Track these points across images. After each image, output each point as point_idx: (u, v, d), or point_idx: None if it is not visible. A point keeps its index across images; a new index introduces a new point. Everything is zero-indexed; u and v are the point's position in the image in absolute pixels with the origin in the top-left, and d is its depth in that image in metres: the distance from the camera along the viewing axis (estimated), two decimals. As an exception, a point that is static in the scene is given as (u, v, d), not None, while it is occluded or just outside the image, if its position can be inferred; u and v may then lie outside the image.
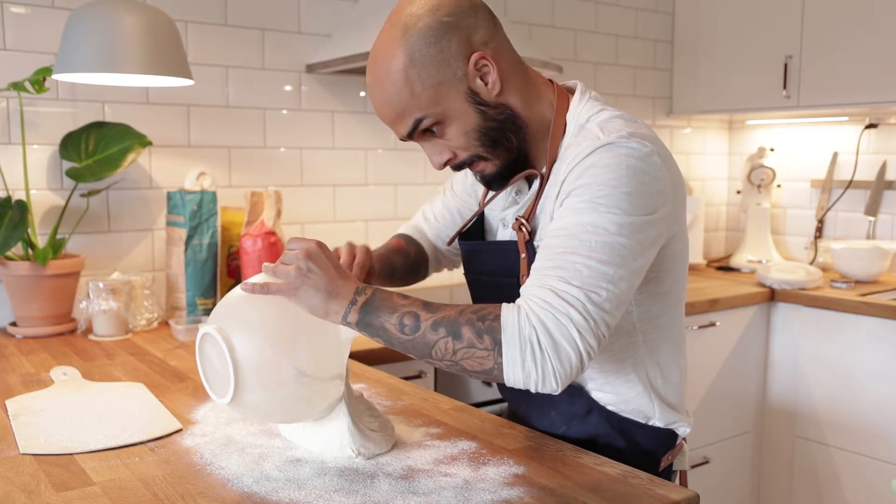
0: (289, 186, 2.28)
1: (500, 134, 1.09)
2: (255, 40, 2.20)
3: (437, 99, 1.05)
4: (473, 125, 1.08)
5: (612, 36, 2.99)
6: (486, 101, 1.08)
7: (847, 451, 2.46)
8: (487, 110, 1.08)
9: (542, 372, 0.93)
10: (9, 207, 1.74)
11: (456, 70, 1.05)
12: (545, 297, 0.95)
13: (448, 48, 1.05)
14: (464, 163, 1.12)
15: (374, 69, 1.07)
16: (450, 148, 1.10)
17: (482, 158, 1.11)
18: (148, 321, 1.90)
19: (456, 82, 1.06)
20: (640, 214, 1.00)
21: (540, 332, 0.93)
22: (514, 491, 0.96)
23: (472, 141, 1.09)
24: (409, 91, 1.04)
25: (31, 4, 1.89)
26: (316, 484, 0.98)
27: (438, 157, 1.11)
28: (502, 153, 1.11)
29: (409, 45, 1.04)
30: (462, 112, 1.07)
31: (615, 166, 1.00)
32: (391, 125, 1.10)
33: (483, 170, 1.13)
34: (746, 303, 2.57)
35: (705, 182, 3.35)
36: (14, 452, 1.09)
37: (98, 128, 1.93)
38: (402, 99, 1.05)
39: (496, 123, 1.09)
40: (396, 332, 0.98)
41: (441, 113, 1.06)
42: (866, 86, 2.56)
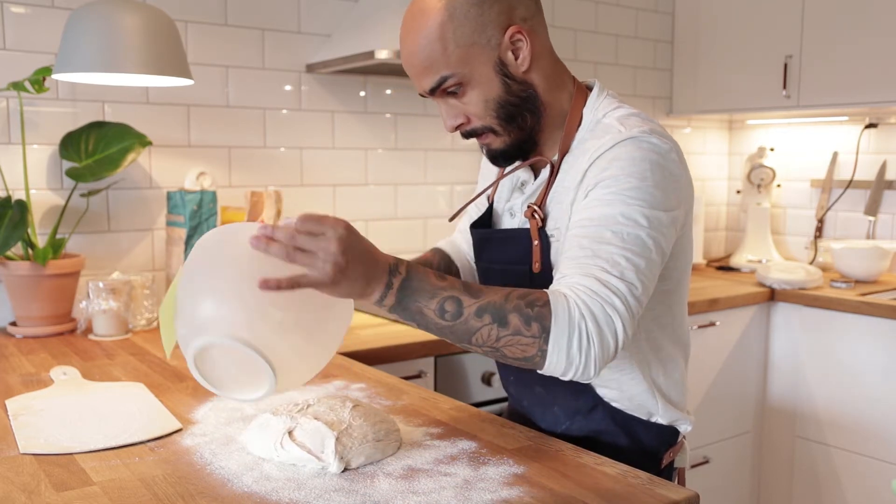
0: (289, 186, 2.28)
1: (517, 110, 1.11)
2: (255, 40, 2.20)
3: (467, 60, 1.07)
4: (495, 95, 1.10)
5: (613, 36, 2.99)
6: (513, 75, 1.10)
7: (847, 451, 2.46)
8: (512, 84, 1.10)
9: (586, 359, 0.94)
10: (9, 207, 1.74)
11: (491, 37, 1.07)
12: (591, 285, 0.96)
13: (489, 13, 1.07)
14: (475, 130, 1.13)
15: (411, 17, 1.09)
16: (466, 113, 1.12)
17: (493, 131, 1.13)
18: (148, 321, 1.90)
19: (489, 49, 1.08)
20: (663, 210, 1.03)
21: (588, 320, 0.94)
22: (514, 491, 0.96)
23: (489, 110, 1.11)
24: (442, 46, 1.06)
25: (31, 4, 1.89)
26: (316, 484, 0.98)
27: (453, 120, 1.13)
28: (514, 130, 1.13)
29: (449, 2, 1.06)
30: (487, 79, 1.09)
31: (640, 160, 1.03)
32: (416, 77, 1.10)
33: (490, 143, 1.15)
34: (746, 303, 2.57)
35: (705, 182, 3.35)
36: (14, 452, 1.09)
37: (98, 127, 1.93)
38: (433, 52, 1.07)
39: (517, 99, 1.11)
40: (436, 317, 0.94)
41: (467, 75, 1.08)
42: (866, 85, 2.56)
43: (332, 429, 1.03)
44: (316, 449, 1.02)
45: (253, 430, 1.09)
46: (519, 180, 1.23)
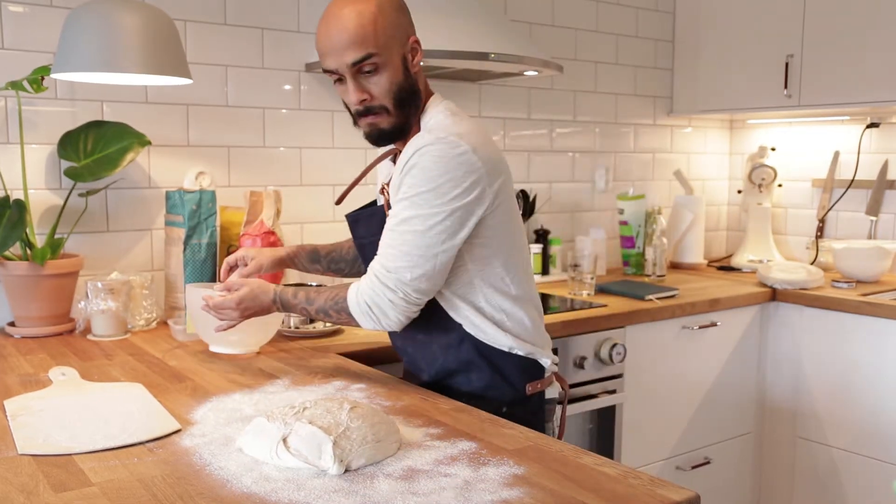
0: (288, 186, 2.27)
1: (409, 99, 1.39)
2: (254, 39, 2.20)
3: (389, 46, 1.33)
4: (398, 81, 1.36)
5: (613, 35, 2.98)
6: (409, 71, 1.38)
7: (848, 452, 2.46)
8: (409, 77, 1.38)
9: (381, 324, 1.37)
10: (7, 207, 1.73)
11: (402, 37, 1.37)
12: (371, 281, 1.36)
13: (403, 20, 1.38)
14: (372, 108, 1.37)
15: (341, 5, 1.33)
16: (371, 91, 1.36)
17: (387, 112, 1.37)
18: (147, 321, 1.90)
19: (400, 45, 1.36)
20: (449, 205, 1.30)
21: (370, 304, 1.36)
22: (514, 491, 0.96)
23: (391, 93, 1.36)
24: (374, 29, 1.31)
25: (30, 3, 1.89)
26: (315, 484, 0.97)
27: (358, 94, 1.35)
28: (401, 116, 1.39)
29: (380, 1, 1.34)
30: (396, 67, 1.35)
31: (429, 167, 1.30)
32: (341, 50, 1.32)
33: (379, 123, 1.39)
34: (747, 303, 2.56)
35: (706, 182, 3.34)
36: (12, 453, 1.08)
37: (97, 127, 1.92)
38: (364, 32, 1.31)
39: (410, 89, 1.39)
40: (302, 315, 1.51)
41: (385, 59, 1.33)
42: (868, 85, 2.55)
43: (328, 432, 1.03)
44: (312, 456, 1.01)
45: (248, 436, 1.08)
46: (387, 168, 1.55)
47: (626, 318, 2.25)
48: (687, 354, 2.46)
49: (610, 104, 3.01)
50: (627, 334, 2.27)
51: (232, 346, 1.64)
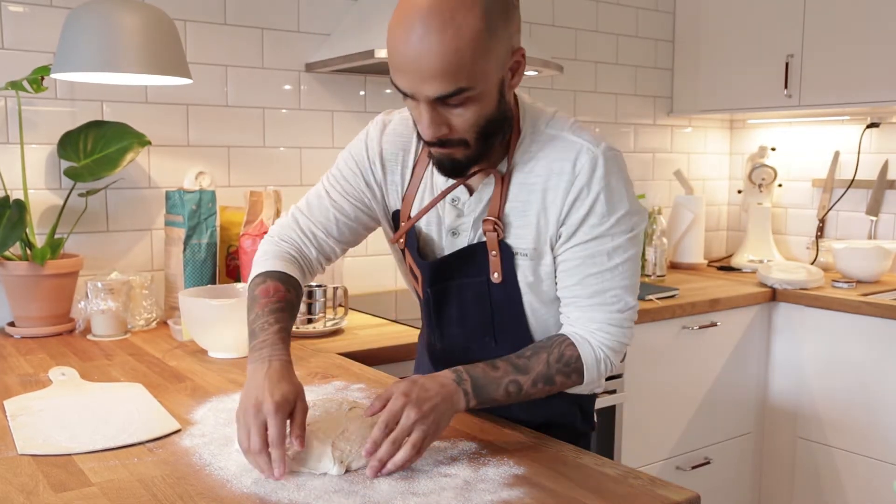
0: (288, 186, 2.27)
1: (496, 129, 1.09)
2: (254, 39, 2.20)
3: (486, 74, 1.00)
4: (488, 112, 1.05)
5: (613, 35, 2.98)
6: (504, 95, 1.07)
7: (848, 452, 2.45)
8: (502, 103, 1.07)
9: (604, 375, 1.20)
10: (7, 207, 1.73)
11: (505, 55, 1.03)
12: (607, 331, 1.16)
13: (510, 31, 1.03)
14: (451, 141, 1.07)
15: (439, 11, 0.96)
16: (454, 125, 1.05)
17: (465, 145, 1.08)
18: (147, 321, 1.90)
19: (501, 67, 1.03)
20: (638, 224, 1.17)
21: (611, 357, 1.17)
22: (514, 491, 0.95)
23: (476, 126, 1.05)
24: (472, 57, 0.97)
25: (30, 3, 1.88)
26: (315, 484, 0.97)
27: (437, 129, 1.04)
28: (482, 147, 1.09)
29: (488, 7, 0.98)
30: (490, 98, 1.04)
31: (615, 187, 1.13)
32: (422, 79, 0.99)
33: (453, 154, 1.09)
34: (747, 303, 2.56)
35: (706, 182, 3.34)
36: (12, 453, 1.08)
37: (96, 127, 1.92)
38: (461, 60, 0.97)
39: (501, 119, 1.09)
40: (505, 398, 1.12)
41: (479, 92, 1.01)
42: (868, 85, 2.55)
43: (328, 435, 1.03)
44: (312, 460, 1.01)
45: None
46: (448, 196, 1.20)
47: (626, 318, 2.25)
48: (687, 354, 2.45)
49: (610, 104, 3.01)
50: (627, 334, 2.26)
51: (229, 350, 1.63)
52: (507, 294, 1.21)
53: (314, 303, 1.91)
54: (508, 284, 1.20)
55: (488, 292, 1.21)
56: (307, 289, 1.92)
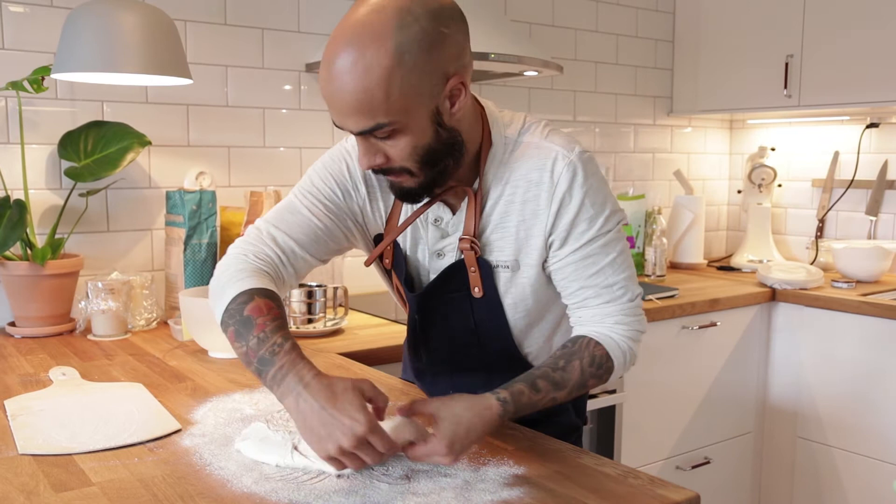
0: (288, 186, 2.27)
1: (441, 156, 1.07)
2: (254, 40, 2.20)
3: (406, 109, 0.99)
4: (425, 143, 1.04)
5: (613, 35, 2.98)
6: (444, 123, 1.05)
7: (848, 452, 2.46)
8: (442, 132, 1.05)
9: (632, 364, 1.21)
10: (7, 207, 1.73)
11: (434, 86, 1.01)
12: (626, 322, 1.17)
13: (437, 61, 1.00)
14: (391, 170, 1.07)
15: (350, 47, 0.97)
16: (387, 154, 1.05)
17: (409, 173, 1.07)
18: (147, 321, 1.90)
19: (429, 98, 1.01)
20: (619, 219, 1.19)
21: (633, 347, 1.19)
22: (514, 491, 0.96)
23: (415, 156, 1.05)
24: (384, 93, 0.97)
25: (30, 3, 1.89)
26: (315, 485, 0.97)
27: (371, 160, 1.05)
28: (430, 173, 1.08)
29: (401, 43, 0.97)
30: (422, 128, 1.03)
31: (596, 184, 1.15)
32: (343, 114, 1.01)
33: (402, 182, 1.09)
34: (747, 303, 2.56)
35: (706, 182, 3.34)
36: (13, 453, 1.08)
37: (97, 127, 1.92)
38: (372, 97, 0.97)
39: (443, 147, 1.07)
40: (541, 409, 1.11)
41: (404, 124, 1.01)
42: (867, 85, 2.55)
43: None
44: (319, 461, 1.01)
45: (250, 442, 1.08)
46: (430, 216, 1.20)
47: (625, 318, 2.25)
48: (687, 354, 2.46)
49: (610, 104, 3.01)
50: (627, 334, 2.27)
51: (230, 350, 1.63)
52: (488, 307, 1.22)
53: (314, 303, 1.92)
54: (489, 298, 1.21)
55: (470, 307, 1.23)
56: (307, 289, 1.92)
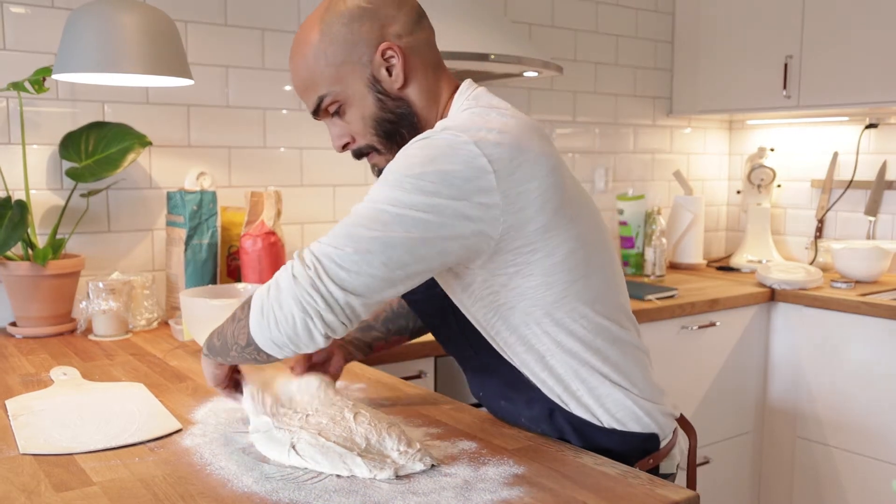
0: (289, 186, 2.28)
1: (395, 127, 1.12)
2: (254, 40, 2.20)
3: (340, 78, 1.09)
4: (370, 112, 1.11)
5: (613, 36, 2.99)
6: (387, 91, 1.10)
7: (848, 452, 2.46)
8: (386, 101, 1.11)
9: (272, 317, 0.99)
10: (8, 207, 1.74)
11: (362, 54, 1.09)
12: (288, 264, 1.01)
13: (359, 32, 1.08)
14: (360, 150, 1.15)
15: (295, 40, 1.13)
16: (350, 132, 1.14)
17: (376, 151, 1.14)
18: (148, 321, 1.90)
19: (360, 66, 1.09)
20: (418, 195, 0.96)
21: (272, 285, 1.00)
22: (514, 491, 0.96)
23: (368, 128, 1.12)
24: (316, 66, 1.09)
25: (31, 4, 1.89)
26: (315, 484, 0.98)
27: (338, 140, 1.15)
28: (395, 148, 1.10)
29: (325, 22, 1.09)
30: (361, 97, 1.10)
31: (411, 155, 0.99)
32: (301, 97, 1.14)
33: (377, 163, 1.16)
34: (747, 303, 2.57)
35: (705, 182, 3.35)
36: (14, 452, 1.08)
37: (98, 128, 1.93)
38: (309, 72, 1.10)
39: (392, 116, 1.11)
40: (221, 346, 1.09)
41: (341, 93, 1.10)
42: (867, 86, 2.56)
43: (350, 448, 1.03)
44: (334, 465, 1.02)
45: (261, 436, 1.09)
46: None
47: (625, 319, 2.25)
48: (686, 354, 2.46)
49: (609, 105, 3.01)
50: (627, 334, 2.27)
51: None
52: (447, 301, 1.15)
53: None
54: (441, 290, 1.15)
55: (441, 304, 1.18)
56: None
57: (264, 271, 1.91)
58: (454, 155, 0.97)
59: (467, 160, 0.97)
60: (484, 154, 0.97)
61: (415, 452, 1.03)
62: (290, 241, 2.25)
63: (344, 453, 1.01)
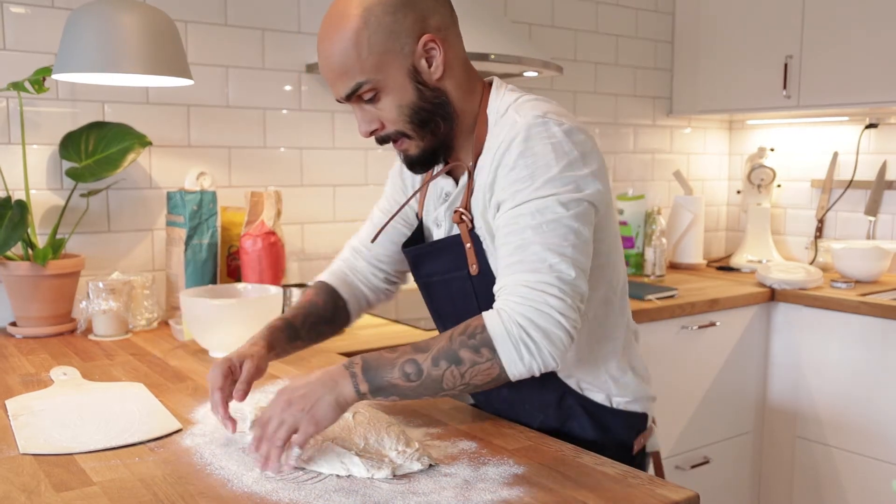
0: (289, 186, 2.28)
1: (430, 116, 1.13)
2: (254, 40, 2.20)
3: (381, 67, 1.09)
4: (408, 101, 1.11)
5: (613, 36, 2.99)
6: (426, 82, 1.12)
7: (847, 452, 2.46)
8: (425, 91, 1.12)
9: (541, 359, 1.00)
10: (9, 207, 1.74)
11: (405, 45, 1.09)
12: (520, 293, 1.01)
13: (403, 21, 1.09)
14: (388, 136, 1.15)
15: (328, 23, 1.10)
16: (380, 118, 1.13)
17: (407, 136, 1.14)
18: (148, 321, 1.90)
19: (402, 56, 1.09)
20: (577, 191, 1.06)
21: (527, 327, 0.99)
22: (514, 491, 0.96)
23: (403, 116, 1.12)
24: (357, 53, 1.07)
25: (31, 4, 1.89)
26: (315, 484, 0.98)
27: (367, 125, 1.14)
28: (428, 136, 1.14)
29: (366, 8, 1.08)
30: (401, 86, 1.10)
31: (540, 152, 1.06)
32: (332, 82, 1.11)
33: (407, 149, 1.16)
34: (747, 303, 2.57)
35: (705, 182, 3.35)
36: (14, 452, 1.08)
37: (98, 128, 1.93)
38: (348, 59, 1.08)
39: (430, 105, 1.13)
40: (404, 382, 1.02)
41: (381, 81, 1.09)
42: (866, 85, 2.56)
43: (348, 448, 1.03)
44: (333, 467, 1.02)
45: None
46: (442, 191, 1.25)
47: (625, 319, 2.25)
48: (686, 354, 2.46)
49: (610, 105, 3.01)
50: (627, 334, 2.27)
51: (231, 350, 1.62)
52: (486, 285, 1.15)
53: (314, 303, 1.92)
54: (485, 275, 1.17)
55: (472, 287, 1.20)
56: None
57: (264, 271, 1.91)
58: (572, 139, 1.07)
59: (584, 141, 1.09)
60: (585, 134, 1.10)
61: (413, 452, 1.03)
62: (290, 241, 2.25)
63: (342, 452, 1.01)
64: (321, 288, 1.36)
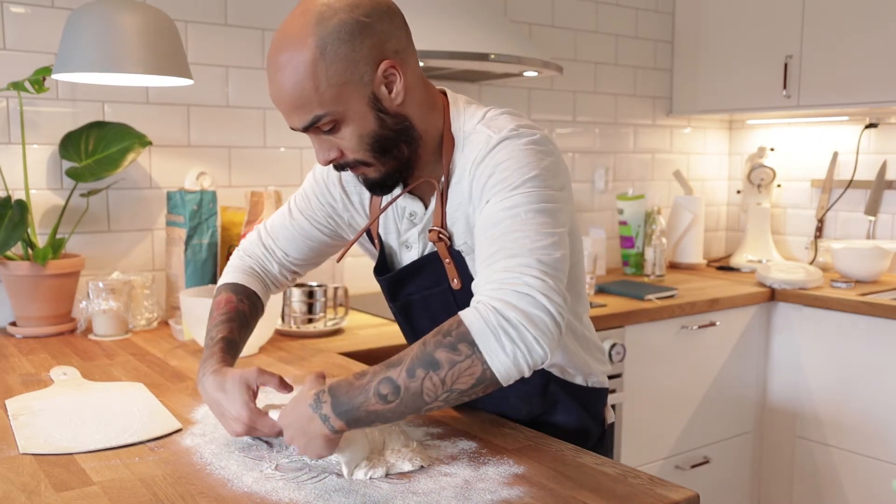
0: (289, 186, 2.28)
1: (392, 143, 1.09)
2: (255, 40, 2.20)
3: (340, 98, 1.03)
4: (369, 130, 1.07)
5: (612, 36, 2.99)
6: (387, 109, 1.07)
7: (847, 451, 2.46)
8: (386, 118, 1.07)
9: (525, 345, 0.92)
10: (9, 207, 1.74)
11: (363, 73, 1.04)
12: (496, 278, 0.96)
13: (360, 49, 1.03)
14: (348, 164, 1.11)
15: (279, 52, 1.04)
16: (340, 147, 1.09)
17: (366, 164, 1.10)
18: (148, 321, 1.90)
19: (362, 86, 1.04)
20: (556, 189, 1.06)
21: (503, 310, 0.92)
22: (514, 491, 0.96)
23: (364, 145, 1.08)
24: (314, 85, 1.02)
25: (31, 4, 1.89)
26: (315, 484, 0.98)
27: (326, 154, 1.09)
28: (389, 161, 1.11)
29: (321, 37, 1.01)
30: (361, 115, 1.06)
31: (517, 157, 1.05)
32: (286, 113, 1.06)
33: (367, 174, 1.12)
34: (746, 303, 2.57)
35: (705, 182, 3.35)
36: (14, 452, 1.09)
37: (98, 127, 1.93)
38: (303, 91, 1.02)
39: (391, 133, 1.09)
40: (383, 405, 0.94)
41: (341, 113, 1.04)
42: (866, 85, 2.56)
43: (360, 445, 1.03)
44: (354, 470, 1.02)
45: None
46: (406, 211, 1.21)
47: (625, 318, 2.25)
48: (686, 354, 2.46)
49: (609, 104, 3.01)
50: (627, 334, 2.27)
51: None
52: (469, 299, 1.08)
53: (315, 302, 1.92)
54: (468, 289, 1.14)
55: (454, 300, 1.19)
56: (308, 289, 1.92)
57: (264, 271, 1.90)
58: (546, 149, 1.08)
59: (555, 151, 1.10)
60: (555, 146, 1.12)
61: (407, 452, 1.03)
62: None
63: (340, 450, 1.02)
64: (240, 291, 1.27)
